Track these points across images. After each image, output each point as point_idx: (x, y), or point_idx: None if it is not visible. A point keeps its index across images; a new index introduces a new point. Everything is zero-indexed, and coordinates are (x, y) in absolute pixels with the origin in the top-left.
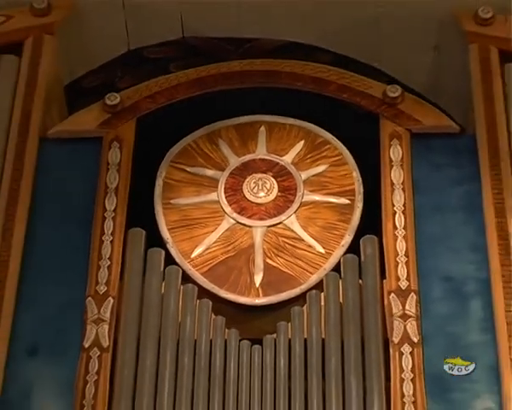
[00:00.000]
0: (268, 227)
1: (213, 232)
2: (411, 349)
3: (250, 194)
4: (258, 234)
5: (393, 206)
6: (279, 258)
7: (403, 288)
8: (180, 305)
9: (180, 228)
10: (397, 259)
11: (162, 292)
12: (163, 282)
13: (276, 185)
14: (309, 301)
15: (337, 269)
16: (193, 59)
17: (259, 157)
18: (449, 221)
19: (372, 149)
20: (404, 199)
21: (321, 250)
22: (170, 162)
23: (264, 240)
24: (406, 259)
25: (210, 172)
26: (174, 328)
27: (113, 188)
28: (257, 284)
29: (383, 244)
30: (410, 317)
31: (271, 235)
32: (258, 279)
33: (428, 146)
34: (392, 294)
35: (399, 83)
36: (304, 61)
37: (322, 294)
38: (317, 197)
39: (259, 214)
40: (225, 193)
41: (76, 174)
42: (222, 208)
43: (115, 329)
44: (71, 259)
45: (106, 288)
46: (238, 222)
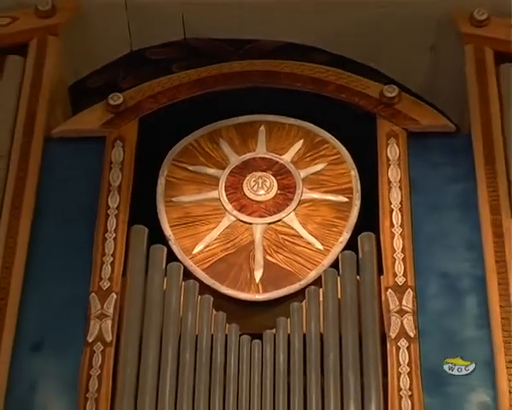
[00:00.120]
0: (268, 224)
1: (214, 229)
2: (408, 344)
3: (250, 192)
4: (258, 231)
5: (390, 204)
6: (278, 254)
7: (400, 284)
8: (182, 300)
9: (182, 225)
10: (394, 255)
11: (164, 288)
12: (165, 278)
13: (276, 183)
14: (308, 296)
15: (335, 265)
16: (194, 60)
17: (259, 156)
18: (445, 219)
19: (369, 148)
20: (401, 197)
21: (319, 247)
22: (172, 161)
23: (263, 237)
24: (403, 255)
25: (211, 170)
26: (176, 323)
27: (116, 186)
28: (257, 280)
29: (380, 241)
30: (407, 312)
31: (271, 232)
32: (258, 275)
33: (425, 145)
34: (389, 290)
35: (396, 83)
36: (303, 62)
37: (320, 290)
38: (316, 195)
39: (259, 212)
40: (226, 191)
41: (80, 173)
42: (223, 206)
43: (118, 324)
44: (75, 255)
45: (109, 284)
46: (238, 219)
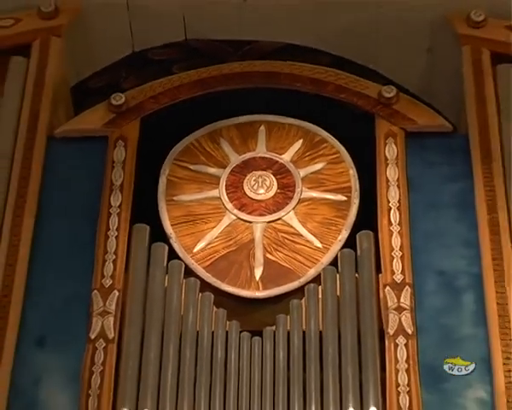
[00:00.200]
0: (268, 223)
1: (215, 228)
2: (406, 341)
3: (250, 191)
4: (258, 229)
5: (389, 202)
6: (278, 252)
7: (398, 281)
8: (183, 298)
9: (183, 224)
10: (392, 253)
11: (165, 285)
12: (166, 275)
13: (276, 182)
14: (307, 294)
15: (334, 263)
16: (195, 60)
17: (259, 155)
18: (442, 217)
19: (368, 148)
20: (399, 196)
21: (319, 245)
22: (173, 160)
23: (263, 235)
24: (401, 253)
25: (212, 169)
26: (177, 320)
27: (118, 185)
28: (257, 278)
29: (379, 239)
30: (405, 309)
31: (271, 230)
32: (258, 273)
33: (422, 145)
34: (387, 287)
35: (394, 84)
36: (302, 63)
37: (319, 287)
38: (315, 194)
39: (259, 210)
40: (226, 190)
41: (82, 172)
42: (223, 205)
43: (120, 321)
44: (77, 253)
45: (111, 281)
46: (239, 218)
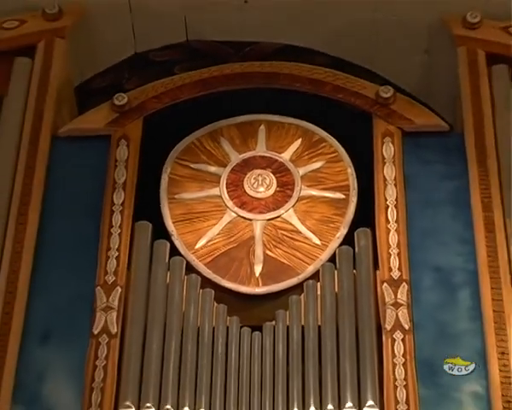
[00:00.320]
0: (267, 220)
1: (216, 225)
2: (403, 336)
3: (250, 189)
4: (258, 227)
5: (386, 200)
6: (278, 249)
7: (395, 278)
8: (184, 294)
9: (184, 221)
10: (389, 250)
11: (167, 282)
12: (168, 272)
13: (275, 181)
14: (306, 290)
15: (333, 260)
16: (196, 61)
17: (259, 154)
18: (439, 215)
19: (366, 147)
20: (396, 194)
21: (317, 242)
22: (175, 159)
23: (263, 232)
24: (398, 250)
25: (212, 168)
26: (178, 315)
27: (121, 183)
28: (257, 274)
29: (376, 237)
30: (402, 305)
31: (271, 228)
32: (258, 269)
33: (419, 144)
34: (384, 283)
35: (391, 84)
36: (301, 64)
37: (318, 283)
38: (314, 192)
39: (259, 208)
40: (227, 188)
41: (86, 170)
42: (224, 203)
43: (123, 316)
44: (81, 250)
45: (114, 277)
46: (239, 215)
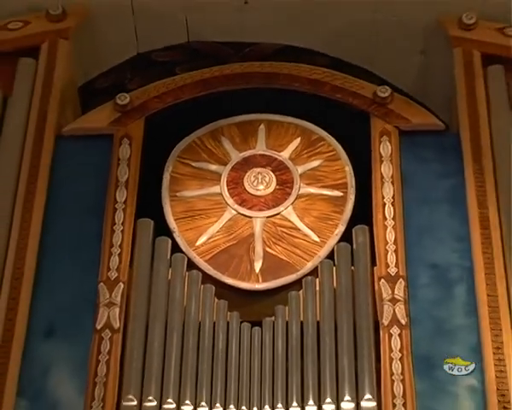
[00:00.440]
0: (267, 218)
1: (216, 222)
2: (400, 331)
3: (250, 187)
4: (257, 224)
5: (383, 198)
6: (277, 246)
7: (392, 274)
8: (185, 290)
9: (185, 218)
10: (386, 247)
11: (169, 278)
12: (170, 268)
13: (275, 179)
14: (305, 286)
15: (331, 257)
16: (197, 62)
17: (259, 153)
18: (435, 212)
19: (363, 146)
20: (393, 192)
21: (316, 239)
22: (176, 157)
23: (263, 230)
24: (395, 247)
25: (213, 166)
26: (180, 311)
27: (124, 181)
28: (257, 271)
29: (374, 234)
30: (399, 301)
31: (270, 225)
32: (257, 266)
33: (416, 143)
34: (382, 279)
35: (389, 84)
36: (300, 64)
37: (317, 280)
38: (313, 190)
39: (259, 206)
40: (227, 186)
41: (89, 169)
42: (224, 200)
43: (125, 312)
44: (84, 247)
45: (117, 274)
46: (239, 213)
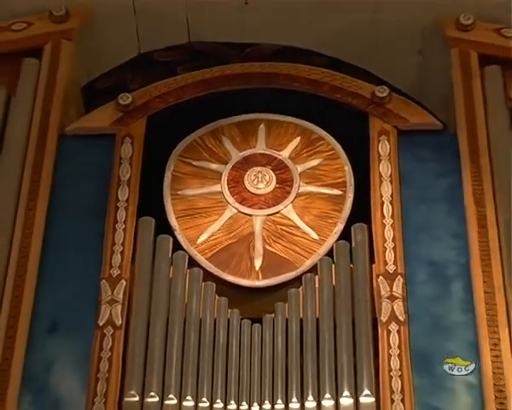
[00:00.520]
0: (267, 216)
1: (217, 221)
2: (398, 328)
3: (250, 185)
4: (258, 222)
5: (382, 196)
6: (277, 244)
7: (390, 271)
8: (187, 287)
9: (186, 217)
10: (385, 245)
11: (170, 275)
12: (171, 266)
13: (275, 178)
14: (304, 283)
15: (330, 254)
16: (198, 62)
17: (259, 152)
18: (432, 211)
19: (362, 145)
20: (392, 190)
21: (315, 237)
22: (177, 157)
23: (263, 228)
24: (393, 245)
25: (214, 165)
26: (181, 308)
27: (126, 180)
28: (257, 268)
29: (372, 232)
30: (397, 298)
31: (270, 223)
32: (257, 263)
33: (414, 142)
34: (380, 277)
35: (387, 84)
36: (300, 64)
37: (316, 277)
38: (312, 189)
39: (259, 204)
40: (228, 185)
41: (91, 168)
42: (225, 199)
43: (127, 309)
44: (87, 245)
45: (119, 271)
46: (240, 211)
